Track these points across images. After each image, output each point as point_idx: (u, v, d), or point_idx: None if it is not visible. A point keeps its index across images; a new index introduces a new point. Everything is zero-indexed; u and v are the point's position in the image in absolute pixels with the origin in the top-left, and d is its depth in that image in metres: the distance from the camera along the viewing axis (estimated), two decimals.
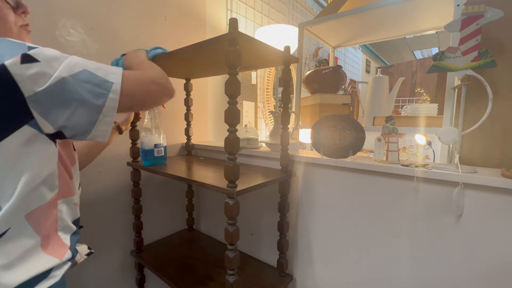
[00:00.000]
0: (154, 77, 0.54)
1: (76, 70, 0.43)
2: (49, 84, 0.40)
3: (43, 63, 0.40)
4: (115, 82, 0.46)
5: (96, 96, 0.44)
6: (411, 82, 2.10)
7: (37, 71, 0.39)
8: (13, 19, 0.49)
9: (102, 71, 0.46)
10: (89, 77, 0.44)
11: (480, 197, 0.60)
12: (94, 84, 0.44)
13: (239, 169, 0.66)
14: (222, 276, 0.89)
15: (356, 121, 0.81)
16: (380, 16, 1.09)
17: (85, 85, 0.43)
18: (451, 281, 0.65)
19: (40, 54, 0.40)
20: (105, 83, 0.45)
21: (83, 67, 0.44)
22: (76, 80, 0.42)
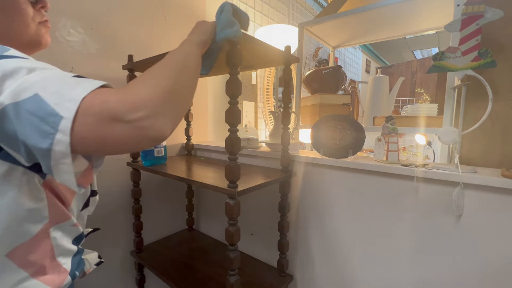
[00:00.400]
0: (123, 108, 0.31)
1: (26, 95, 0.30)
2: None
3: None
4: (65, 117, 0.29)
5: (41, 136, 0.30)
6: (411, 82, 2.10)
7: None
8: (32, 14, 0.44)
9: (56, 96, 0.30)
10: (36, 107, 0.30)
11: (480, 197, 0.60)
12: (40, 118, 0.29)
13: (240, 169, 0.66)
14: (222, 276, 0.89)
15: (356, 121, 0.81)
16: (380, 16, 1.09)
17: (29, 117, 0.30)
18: (451, 281, 0.65)
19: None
20: (52, 116, 0.29)
21: (36, 91, 0.30)
22: (20, 110, 0.30)
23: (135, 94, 0.33)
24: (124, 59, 0.96)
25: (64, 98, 0.30)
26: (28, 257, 0.40)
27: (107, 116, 0.30)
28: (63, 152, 0.30)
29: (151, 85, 0.35)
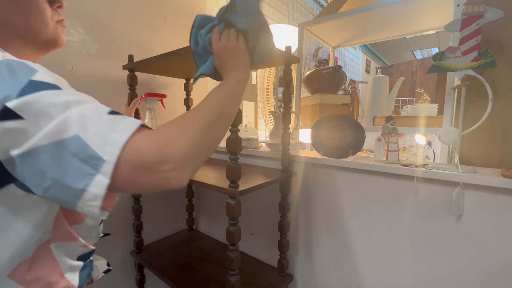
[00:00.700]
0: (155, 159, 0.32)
1: (66, 136, 0.30)
2: (24, 150, 0.30)
3: (28, 121, 0.30)
4: (107, 161, 0.30)
5: (77, 177, 0.30)
6: (411, 82, 2.10)
7: (14, 129, 0.29)
8: (50, 14, 0.44)
9: (98, 139, 0.31)
10: (77, 148, 0.30)
11: (480, 197, 0.60)
12: (81, 160, 0.30)
13: (241, 169, 0.66)
14: (222, 276, 0.89)
15: (356, 121, 0.81)
16: (380, 16, 1.09)
17: (69, 159, 0.30)
18: (451, 281, 0.65)
19: (30, 108, 0.30)
20: (94, 159, 0.30)
21: (76, 132, 0.30)
22: (59, 150, 0.30)
23: (168, 146, 0.33)
24: (124, 59, 0.96)
25: (105, 141, 0.31)
26: (31, 275, 0.39)
27: (141, 165, 0.32)
28: (96, 194, 0.31)
29: (184, 138, 0.35)
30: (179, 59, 0.79)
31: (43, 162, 0.30)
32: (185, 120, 0.38)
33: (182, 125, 0.37)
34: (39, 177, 0.31)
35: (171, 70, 1.00)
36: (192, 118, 0.38)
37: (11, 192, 0.34)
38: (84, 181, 0.30)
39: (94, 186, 0.30)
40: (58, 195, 0.32)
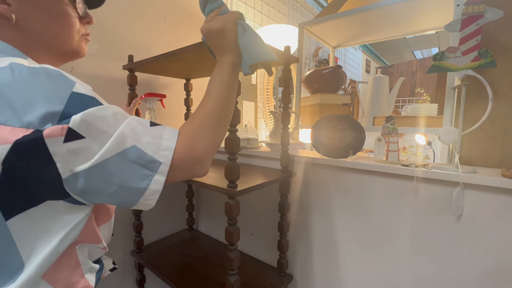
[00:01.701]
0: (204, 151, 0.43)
1: (124, 147, 0.36)
2: (90, 165, 0.34)
3: (88, 139, 0.34)
4: (164, 162, 0.38)
5: (139, 179, 0.37)
6: (411, 82, 2.10)
7: (79, 148, 0.33)
8: (78, 27, 0.48)
9: (152, 146, 0.38)
10: (136, 156, 0.36)
11: (480, 197, 0.60)
12: (140, 165, 0.37)
13: (239, 169, 0.66)
14: (222, 276, 0.89)
15: (356, 121, 0.81)
16: (380, 16, 1.09)
17: (130, 166, 0.36)
18: (451, 281, 0.65)
19: (89, 126, 0.34)
20: (152, 163, 0.37)
21: (133, 143, 0.36)
22: (122, 160, 0.36)
23: (194, 153, 0.42)
24: (124, 59, 0.96)
25: (159, 147, 0.39)
26: (56, 275, 0.41)
27: (180, 165, 0.40)
28: (156, 190, 0.39)
29: (203, 142, 0.44)
30: (179, 59, 0.79)
31: (109, 172, 0.35)
32: (199, 124, 0.45)
33: (199, 131, 0.44)
34: (104, 185, 0.36)
35: (171, 70, 1.00)
36: (204, 121, 0.45)
37: (58, 206, 0.37)
38: (146, 181, 0.38)
39: (154, 184, 0.38)
40: (122, 197, 0.38)
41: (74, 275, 0.43)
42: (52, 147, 0.32)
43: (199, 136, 0.43)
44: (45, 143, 0.31)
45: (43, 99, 0.32)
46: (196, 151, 0.42)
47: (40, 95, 0.32)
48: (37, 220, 0.37)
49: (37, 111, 0.31)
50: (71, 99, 0.34)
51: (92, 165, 0.34)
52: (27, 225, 0.36)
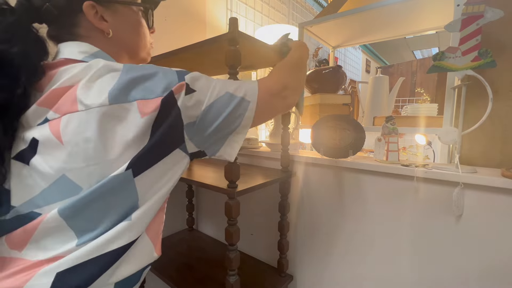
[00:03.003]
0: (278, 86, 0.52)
1: (221, 94, 0.44)
2: (201, 112, 0.43)
3: (198, 92, 0.43)
4: (252, 101, 0.47)
5: (234, 118, 0.46)
6: (411, 82, 2.10)
7: (195, 101, 0.42)
8: (149, 37, 0.57)
9: (241, 91, 0.46)
10: (230, 99, 0.45)
11: (480, 197, 0.60)
12: (234, 106, 0.45)
13: (239, 169, 0.65)
14: (222, 276, 0.89)
15: (356, 121, 0.81)
16: (380, 16, 1.09)
17: (227, 108, 0.44)
18: (451, 281, 0.65)
19: (195, 83, 0.43)
20: (243, 102, 0.46)
21: (225, 90, 0.45)
22: (220, 104, 0.44)
23: (284, 79, 0.55)
24: None
25: (246, 90, 0.47)
26: (153, 228, 0.46)
27: (271, 94, 0.51)
28: (246, 125, 0.48)
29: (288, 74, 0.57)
30: (179, 59, 0.79)
31: (215, 111, 0.44)
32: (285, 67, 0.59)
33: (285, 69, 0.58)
34: (213, 119, 0.44)
35: None
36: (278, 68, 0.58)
37: (176, 154, 0.44)
38: (239, 119, 0.47)
39: (245, 121, 0.47)
40: (223, 129, 0.46)
41: (160, 230, 0.49)
42: (179, 99, 0.41)
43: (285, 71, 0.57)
44: (174, 97, 0.40)
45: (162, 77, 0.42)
46: (286, 80, 0.54)
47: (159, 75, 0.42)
48: (157, 172, 0.42)
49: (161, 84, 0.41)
50: (177, 72, 0.43)
51: (203, 111, 0.43)
52: (149, 178, 0.42)
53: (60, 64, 0.43)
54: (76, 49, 0.45)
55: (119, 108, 0.38)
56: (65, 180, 0.38)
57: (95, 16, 0.47)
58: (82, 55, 0.45)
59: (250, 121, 0.47)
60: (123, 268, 0.41)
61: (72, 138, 0.37)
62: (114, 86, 0.39)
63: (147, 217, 0.43)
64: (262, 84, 0.49)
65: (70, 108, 0.38)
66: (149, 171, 0.41)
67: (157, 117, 0.39)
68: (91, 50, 0.46)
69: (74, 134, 0.37)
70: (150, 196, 0.43)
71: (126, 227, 0.40)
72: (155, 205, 0.44)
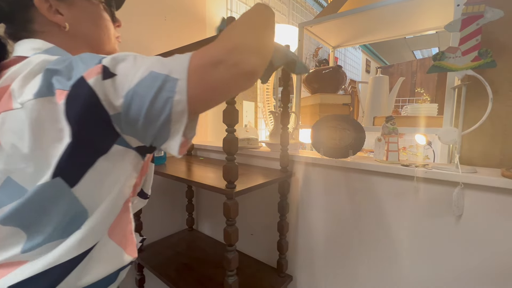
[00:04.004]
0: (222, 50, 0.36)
1: (144, 75, 0.35)
2: (123, 99, 0.35)
3: (120, 76, 0.35)
4: (180, 78, 0.34)
5: (162, 103, 0.34)
6: (411, 82, 2.09)
7: (116, 87, 0.35)
8: (113, 31, 0.54)
9: (166, 67, 0.35)
10: (153, 80, 0.35)
11: (480, 197, 0.60)
12: (157, 88, 0.34)
13: (237, 170, 0.65)
14: (222, 277, 0.89)
15: (356, 121, 0.81)
16: (380, 16, 1.09)
17: (150, 91, 0.34)
18: (451, 281, 0.65)
19: (118, 65, 0.36)
20: (168, 82, 0.34)
21: (150, 69, 0.35)
22: (143, 87, 0.35)
23: (229, 40, 0.38)
24: None
25: (172, 65, 0.35)
26: (119, 232, 0.44)
27: (210, 63, 0.35)
28: (181, 111, 0.35)
29: (240, 31, 0.40)
30: None
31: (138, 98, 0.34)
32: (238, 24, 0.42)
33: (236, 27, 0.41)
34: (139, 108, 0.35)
35: None
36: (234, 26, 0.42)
37: (114, 151, 0.38)
38: (168, 104, 0.34)
39: (176, 105, 0.34)
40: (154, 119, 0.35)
41: (127, 231, 0.47)
42: (96, 86, 0.34)
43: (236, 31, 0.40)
44: (86, 83, 0.34)
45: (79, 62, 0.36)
46: (233, 40, 0.37)
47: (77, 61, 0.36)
48: (97, 175, 0.38)
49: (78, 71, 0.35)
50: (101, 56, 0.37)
51: (125, 98, 0.35)
52: (90, 184, 0.38)
53: (12, 63, 0.40)
54: (29, 46, 0.43)
55: (44, 102, 0.35)
56: (11, 183, 0.36)
57: (49, 10, 0.44)
58: (33, 52, 0.42)
59: (184, 105, 0.34)
60: (87, 275, 0.40)
61: (8, 138, 0.36)
62: (42, 79, 0.36)
63: (103, 223, 0.40)
64: (196, 53, 0.36)
65: (6, 106, 0.36)
66: (87, 176, 0.37)
67: (67, 108, 0.34)
68: (44, 46, 0.44)
69: (9, 133, 0.36)
70: (100, 201, 0.39)
71: (78, 237, 0.38)
72: (112, 209, 0.41)
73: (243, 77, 0.37)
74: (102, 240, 0.41)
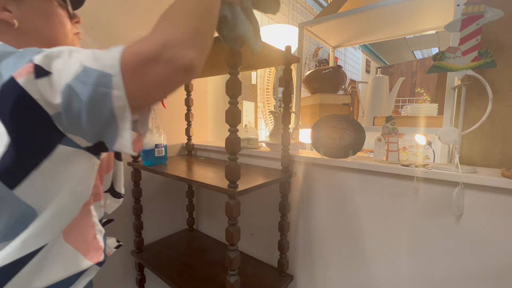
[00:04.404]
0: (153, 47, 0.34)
1: (78, 70, 0.34)
2: (61, 98, 0.34)
3: (55, 74, 0.34)
4: (113, 74, 0.33)
5: (101, 100, 0.33)
6: (411, 82, 2.09)
7: (52, 85, 0.34)
8: (70, 27, 0.53)
9: (100, 62, 0.34)
10: (87, 76, 0.33)
11: (480, 197, 0.60)
12: (93, 84, 0.33)
13: (240, 170, 0.66)
14: (222, 276, 0.89)
15: (356, 121, 0.81)
16: (380, 16, 1.09)
17: (87, 87, 0.33)
18: (451, 281, 0.65)
19: (52, 63, 0.35)
20: (103, 77, 0.33)
21: (84, 64, 0.34)
22: (79, 83, 0.33)
23: (161, 33, 0.36)
24: None
25: (104, 60, 0.34)
26: (78, 236, 0.44)
27: (143, 61, 0.34)
28: (122, 107, 0.34)
29: (172, 23, 0.39)
30: None
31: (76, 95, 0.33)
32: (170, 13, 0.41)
33: (169, 17, 0.40)
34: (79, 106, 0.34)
35: None
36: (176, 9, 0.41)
37: (60, 152, 0.38)
38: (107, 100, 0.33)
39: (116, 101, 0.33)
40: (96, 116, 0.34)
41: (89, 236, 0.47)
42: (27, 86, 0.33)
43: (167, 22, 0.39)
44: (19, 84, 0.33)
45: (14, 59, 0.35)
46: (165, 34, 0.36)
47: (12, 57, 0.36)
48: (42, 177, 0.38)
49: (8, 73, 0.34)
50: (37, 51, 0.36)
51: (63, 96, 0.34)
52: (35, 185, 0.37)
53: None
54: None
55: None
56: None
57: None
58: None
59: (124, 101, 0.33)
60: (40, 279, 0.40)
61: None
62: None
63: (52, 225, 0.40)
64: (128, 49, 0.35)
65: None
66: (31, 177, 0.37)
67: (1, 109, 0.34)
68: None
69: None
70: (47, 202, 0.39)
71: (22, 238, 0.38)
72: (63, 210, 0.41)
73: (180, 73, 0.36)
74: (56, 243, 0.41)
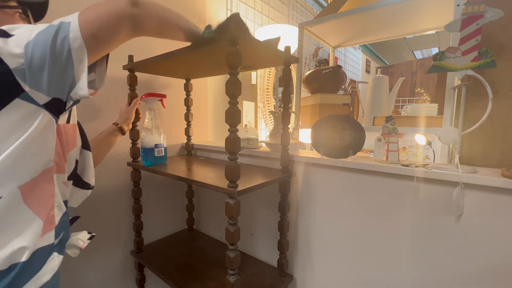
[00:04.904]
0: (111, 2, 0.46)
1: (42, 28, 0.42)
2: (25, 49, 0.41)
3: (17, 36, 0.42)
4: (72, 20, 0.42)
5: (61, 44, 0.42)
6: (411, 82, 2.09)
7: (15, 42, 0.41)
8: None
9: (60, 20, 0.43)
10: (49, 28, 0.42)
11: (480, 197, 0.60)
12: (55, 32, 0.41)
13: (240, 169, 0.66)
14: (222, 276, 0.89)
15: (356, 121, 0.81)
16: (380, 16, 1.09)
17: (49, 36, 0.41)
18: (451, 281, 0.65)
19: (15, 30, 0.42)
20: (62, 25, 0.42)
21: (47, 25, 0.43)
22: (43, 36, 0.41)
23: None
24: (124, 59, 0.96)
25: (64, 18, 0.43)
26: (38, 200, 0.47)
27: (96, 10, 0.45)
28: (79, 47, 0.42)
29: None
30: (179, 59, 0.79)
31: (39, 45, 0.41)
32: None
33: None
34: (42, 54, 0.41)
35: (171, 70, 1.00)
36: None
37: (18, 105, 0.42)
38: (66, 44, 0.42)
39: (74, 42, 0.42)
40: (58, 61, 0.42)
41: (48, 204, 0.49)
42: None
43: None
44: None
45: None
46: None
47: None
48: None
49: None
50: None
51: (25, 49, 0.41)
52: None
53: None
54: None
55: None
56: None
57: None
58: None
59: (80, 41, 0.42)
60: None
61: None
62: None
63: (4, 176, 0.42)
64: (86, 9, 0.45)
65: None
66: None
67: None
68: None
69: None
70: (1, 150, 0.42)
71: None
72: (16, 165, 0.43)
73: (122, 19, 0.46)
74: (14, 205, 0.44)
